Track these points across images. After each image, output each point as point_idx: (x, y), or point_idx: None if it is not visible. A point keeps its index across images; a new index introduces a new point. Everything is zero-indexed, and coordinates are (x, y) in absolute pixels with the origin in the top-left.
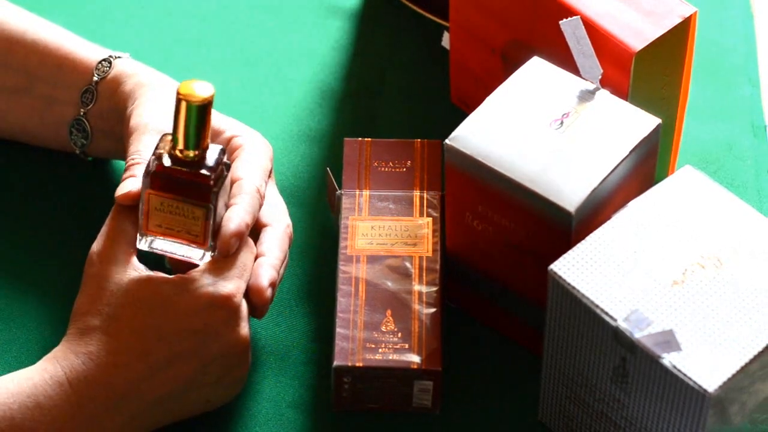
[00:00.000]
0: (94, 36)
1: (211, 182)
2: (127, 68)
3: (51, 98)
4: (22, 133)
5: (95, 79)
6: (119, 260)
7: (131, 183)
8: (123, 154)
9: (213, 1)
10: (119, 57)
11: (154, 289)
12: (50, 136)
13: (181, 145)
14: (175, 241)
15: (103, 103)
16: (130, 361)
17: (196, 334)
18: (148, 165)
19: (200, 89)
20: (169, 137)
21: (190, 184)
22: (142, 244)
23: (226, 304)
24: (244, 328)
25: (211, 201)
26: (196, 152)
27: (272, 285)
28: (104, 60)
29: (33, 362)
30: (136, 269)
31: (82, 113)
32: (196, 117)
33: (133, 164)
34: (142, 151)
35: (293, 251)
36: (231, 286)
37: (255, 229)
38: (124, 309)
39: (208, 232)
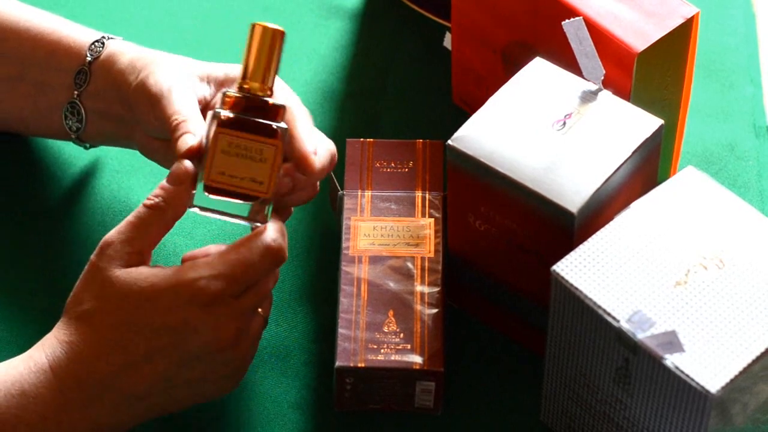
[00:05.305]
0: None
1: (279, 119)
2: (121, 47)
3: (43, 84)
4: (17, 122)
5: (88, 59)
6: (121, 255)
7: (191, 138)
8: (122, 132)
9: (214, 1)
10: (112, 38)
11: (140, 283)
12: (44, 123)
13: (259, 79)
14: (233, 196)
15: (97, 83)
16: (108, 353)
17: (175, 330)
18: (216, 104)
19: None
20: (231, 88)
21: (261, 121)
22: (198, 200)
23: (207, 301)
24: (228, 329)
25: (280, 138)
26: (267, 88)
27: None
28: (96, 41)
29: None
30: (133, 264)
31: (75, 95)
32: (278, 47)
33: (179, 122)
34: (181, 110)
35: (294, 253)
36: (218, 284)
37: None
38: (108, 301)
39: (274, 176)
